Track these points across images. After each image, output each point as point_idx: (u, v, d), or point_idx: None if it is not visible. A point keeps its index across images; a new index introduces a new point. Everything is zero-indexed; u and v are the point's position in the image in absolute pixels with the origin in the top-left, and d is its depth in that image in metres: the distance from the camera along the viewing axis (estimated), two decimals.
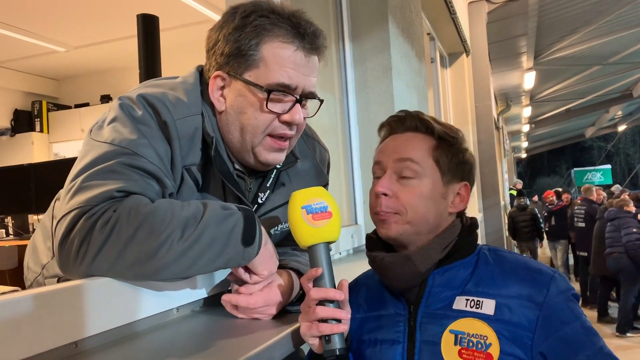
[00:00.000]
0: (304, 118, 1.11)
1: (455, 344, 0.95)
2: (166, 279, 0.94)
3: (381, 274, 1.07)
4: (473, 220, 1.10)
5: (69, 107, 7.09)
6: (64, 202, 0.93)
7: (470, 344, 0.94)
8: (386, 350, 1.02)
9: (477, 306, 0.97)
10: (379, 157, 1.09)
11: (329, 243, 0.94)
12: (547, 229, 9.75)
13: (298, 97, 1.07)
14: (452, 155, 1.06)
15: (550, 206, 9.95)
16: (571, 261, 9.91)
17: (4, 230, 4.94)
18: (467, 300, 0.98)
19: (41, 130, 6.94)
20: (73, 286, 0.85)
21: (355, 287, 1.18)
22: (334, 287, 0.94)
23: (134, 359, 0.85)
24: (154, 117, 1.00)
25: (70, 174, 0.96)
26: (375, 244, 1.10)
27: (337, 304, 0.93)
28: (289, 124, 1.07)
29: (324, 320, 0.91)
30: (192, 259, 0.89)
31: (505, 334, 0.93)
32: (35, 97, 7.00)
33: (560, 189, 12.16)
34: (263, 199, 1.17)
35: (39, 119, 6.94)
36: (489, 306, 0.96)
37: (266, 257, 1.01)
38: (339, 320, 0.92)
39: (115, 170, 0.92)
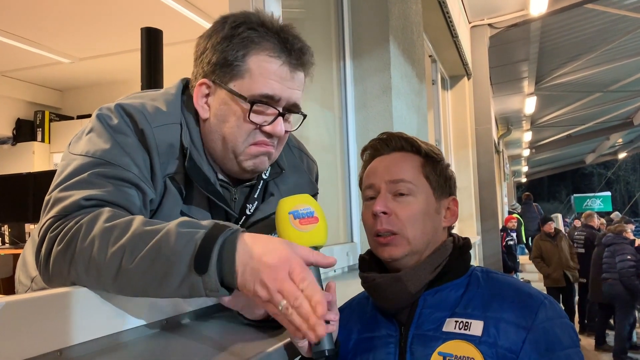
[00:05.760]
0: (287, 131, 1.12)
1: None
2: (125, 295, 0.89)
3: (373, 295, 1.08)
4: (466, 241, 1.11)
5: (71, 118, 7.12)
6: (42, 216, 0.94)
7: None
8: None
9: (466, 328, 0.97)
10: (370, 180, 1.10)
11: (316, 248, 0.94)
12: None
13: (280, 110, 1.07)
14: (439, 172, 1.10)
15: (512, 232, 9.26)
16: None
17: (0, 239, 4.92)
18: (457, 322, 0.98)
19: (42, 140, 6.95)
20: (59, 293, 0.84)
21: (351, 308, 1.18)
22: (322, 289, 0.93)
23: None
24: (131, 126, 1.00)
25: (50, 188, 0.97)
26: (368, 264, 1.11)
27: None
28: (269, 135, 1.08)
29: None
30: (139, 281, 0.82)
31: (492, 355, 0.92)
32: (38, 107, 7.03)
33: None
34: (252, 210, 1.17)
35: (40, 129, 6.95)
36: (477, 327, 0.96)
37: (250, 278, 0.79)
38: (327, 322, 0.92)
39: (88, 181, 0.92)
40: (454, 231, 1.16)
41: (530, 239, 11.01)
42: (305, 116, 1.16)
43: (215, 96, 1.08)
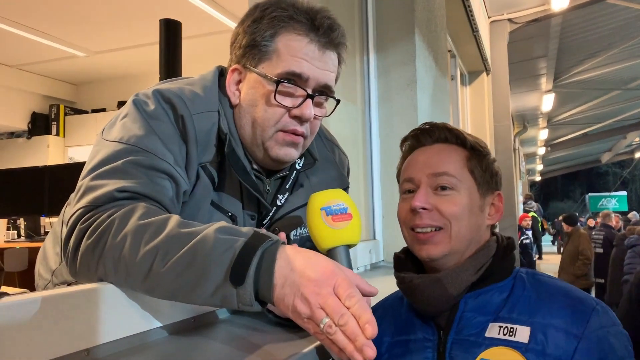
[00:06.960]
0: (319, 117, 1.07)
1: None
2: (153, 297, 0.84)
3: (410, 297, 1.01)
4: (510, 241, 1.04)
5: (85, 112, 7.15)
6: (72, 204, 0.90)
7: None
8: None
9: (511, 333, 0.90)
10: (410, 173, 1.04)
11: (349, 246, 0.89)
12: None
13: (310, 92, 1.01)
14: (485, 166, 1.03)
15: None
16: None
17: (15, 232, 4.93)
18: (501, 327, 0.92)
19: (57, 134, 6.99)
20: (86, 290, 0.80)
21: (384, 308, 1.12)
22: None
23: None
24: (170, 112, 0.96)
25: (81, 175, 0.92)
26: (404, 264, 1.05)
27: None
28: (299, 119, 1.02)
29: None
30: (169, 285, 0.77)
31: None
32: (53, 100, 7.07)
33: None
34: (282, 201, 1.12)
35: (55, 123, 7.00)
36: (523, 333, 0.90)
37: (285, 299, 0.73)
38: None
39: (122, 170, 0.88)
40: None
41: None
42: (338, 101, 1.11)
43: (246, 81, 1.05)
